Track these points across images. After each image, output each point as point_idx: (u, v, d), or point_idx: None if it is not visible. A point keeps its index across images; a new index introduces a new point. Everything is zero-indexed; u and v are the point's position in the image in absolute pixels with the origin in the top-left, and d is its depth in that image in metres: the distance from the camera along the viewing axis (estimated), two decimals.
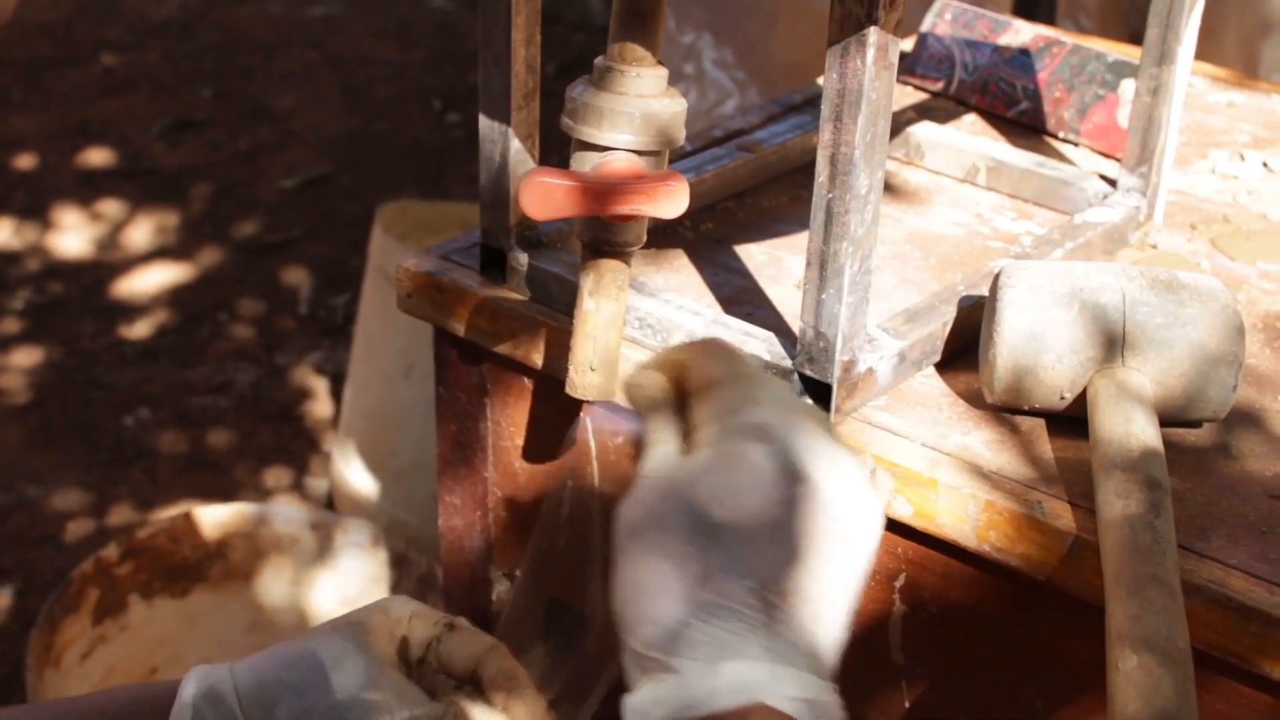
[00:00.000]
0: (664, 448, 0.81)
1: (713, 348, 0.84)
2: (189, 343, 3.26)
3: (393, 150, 4.02)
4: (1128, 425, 1.02)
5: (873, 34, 0.97)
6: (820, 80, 1.60)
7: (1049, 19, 2.58)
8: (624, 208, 1.01)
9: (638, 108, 1.01)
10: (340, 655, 0.90)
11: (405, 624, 0.94)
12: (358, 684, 0.89)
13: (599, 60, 1.04)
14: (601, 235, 1.05)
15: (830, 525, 0.76)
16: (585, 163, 1.03)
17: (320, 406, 3.07)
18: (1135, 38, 2.09)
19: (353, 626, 0.92)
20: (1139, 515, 0.95)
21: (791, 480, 0.76)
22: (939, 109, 1.60)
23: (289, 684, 0.89)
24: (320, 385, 3.13)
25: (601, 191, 1.01)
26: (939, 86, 1.63)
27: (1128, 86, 1.50)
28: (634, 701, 0.75)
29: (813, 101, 1.56)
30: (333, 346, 3.24)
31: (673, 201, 1.01)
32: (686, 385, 0.83)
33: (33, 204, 3.72)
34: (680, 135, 1.04)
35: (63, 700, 1.00)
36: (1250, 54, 2.68)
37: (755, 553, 0.74)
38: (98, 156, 3.94)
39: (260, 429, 3.01)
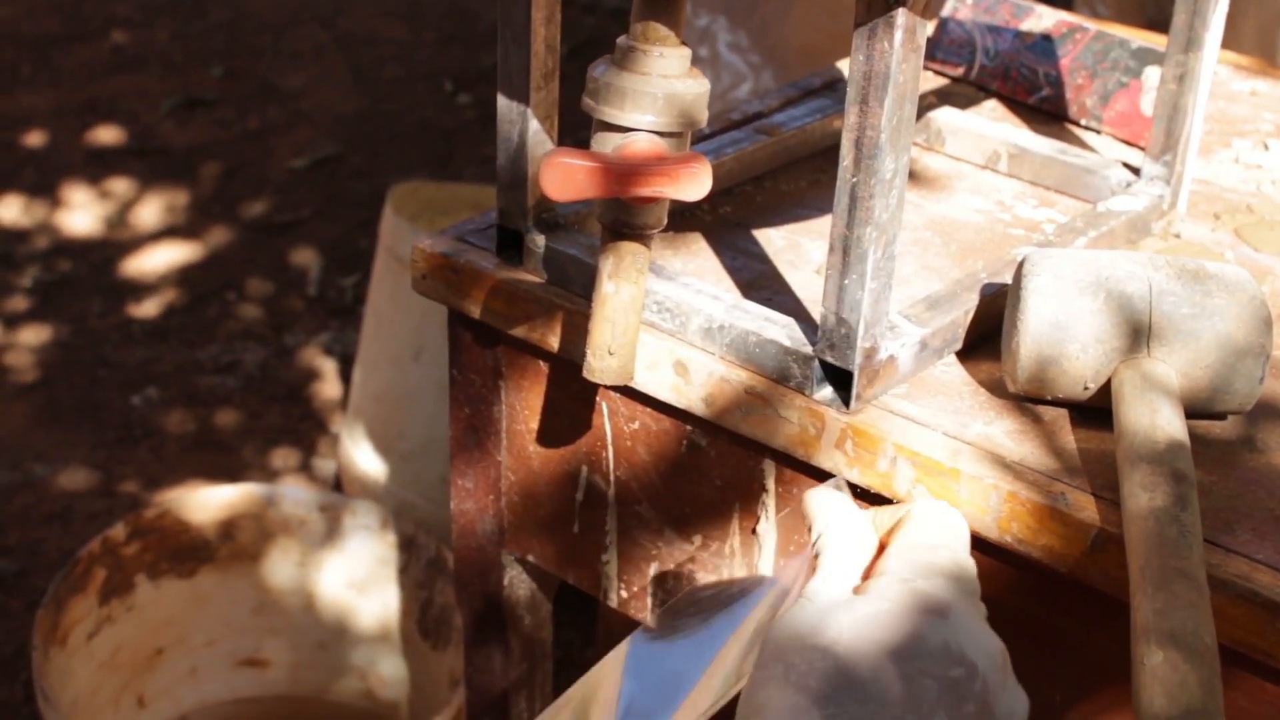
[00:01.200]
0: (838, 574, 0.80)
1: (932, 515, 0.85)
2: (197, 322, 3.25)
3: (403, 131, 4.01)
4: (1153, 417, 1.00)
5: (901, 16, 0.95)
6: (839, 64, 1.58)
7: (1066, 5, 2.56)
8: (645, 190, 0.99)
9: (660, 88, 1.00)
10: None
11: None
12: None
13: (621, 40, 1.02)
14: (622, 217, 1.04)
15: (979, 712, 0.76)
16: (606, 143, 1.02)
17: (329, 387, 3.06)
18: (1153, 25, 2.08)
19: None
20: (1165, 508, 0.94)
21: (953, 661, 0.75)
22: (959, 94, 1.58)
23: None
24: (329, 366, 3.12)
25: (623, 173, 0.99)
26: (959, 72, 1.61)
27: (1151, 74, 1.48)
28: None
29: (832, 85, 1.55)
30: (341, 327, 3.23)
31: (695, 184, 1.00)
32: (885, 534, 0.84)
33: (41, 181, 3.71)
34: (703, 117, 1.02)
35: None
36: (1268, 44, 2.66)
37: None
38: (107, 134, 3.92)
39: (268, 409, 3.00)
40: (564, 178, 0.99)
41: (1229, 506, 1.01)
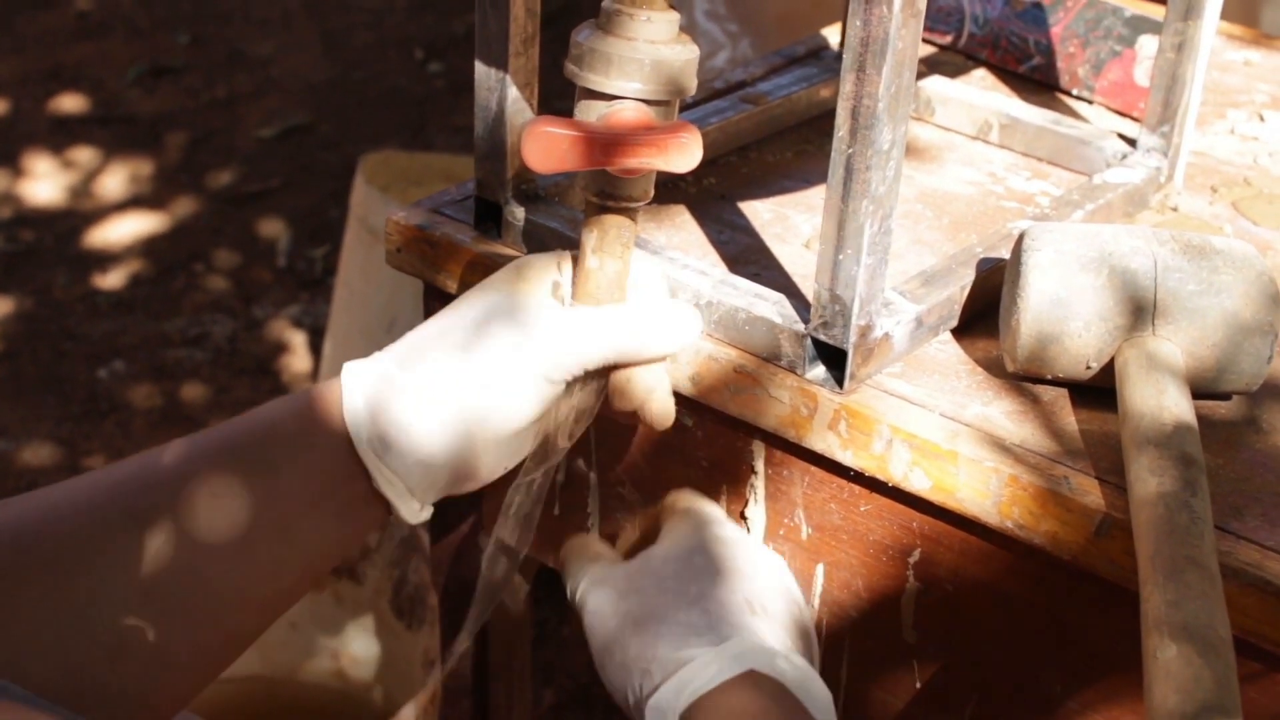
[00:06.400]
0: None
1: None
2: (164, 294, 3.19)
3: (373, 99, 3.94)
4: (1160, 398, 0.96)
5: None
6: (824, 31, 1.54)
7: None
8: (633, 160, 0.95)
9: (648, 54, 0.95)
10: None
11: None
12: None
13: (606, 3, 0.97)
14: (607, 189, 0.99)
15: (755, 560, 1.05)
16: (591, 112, 0.97)
17: (298, 361, 3.01)
18: None
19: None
20: (1174, 493, 0.90)
21: (718, 536, 1.05)
22: (947, 63, 1.54)
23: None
24: (298, 339, 3.07)
25: (609, 143, 0.95)
26: (948, 40, 1.57)
27: (1145, 43, 1.44)
28: (654, 701, 0.93)
29: (817, 53, 1.50)
30: (311, 299, 3.18)
31: (685, 154, 0.95)
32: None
33: (4, 150, 3.64)
34: (692, 84, 0.98)
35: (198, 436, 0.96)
36: (1250, 15, 2.62)
37: (712, 589, 1.00)
38: (71, 102, 3.85)
39: (236, 383, 2.95)
40: (546, 148, 0.95)
41: (1237, 490, 0.97)
